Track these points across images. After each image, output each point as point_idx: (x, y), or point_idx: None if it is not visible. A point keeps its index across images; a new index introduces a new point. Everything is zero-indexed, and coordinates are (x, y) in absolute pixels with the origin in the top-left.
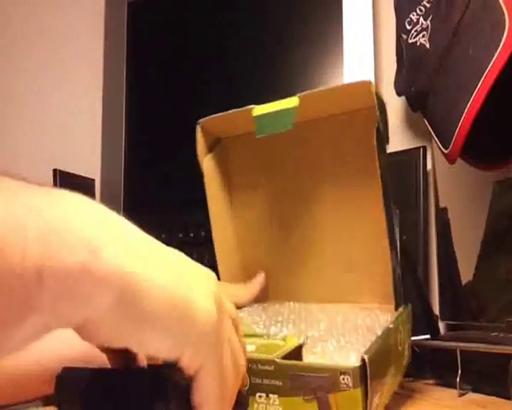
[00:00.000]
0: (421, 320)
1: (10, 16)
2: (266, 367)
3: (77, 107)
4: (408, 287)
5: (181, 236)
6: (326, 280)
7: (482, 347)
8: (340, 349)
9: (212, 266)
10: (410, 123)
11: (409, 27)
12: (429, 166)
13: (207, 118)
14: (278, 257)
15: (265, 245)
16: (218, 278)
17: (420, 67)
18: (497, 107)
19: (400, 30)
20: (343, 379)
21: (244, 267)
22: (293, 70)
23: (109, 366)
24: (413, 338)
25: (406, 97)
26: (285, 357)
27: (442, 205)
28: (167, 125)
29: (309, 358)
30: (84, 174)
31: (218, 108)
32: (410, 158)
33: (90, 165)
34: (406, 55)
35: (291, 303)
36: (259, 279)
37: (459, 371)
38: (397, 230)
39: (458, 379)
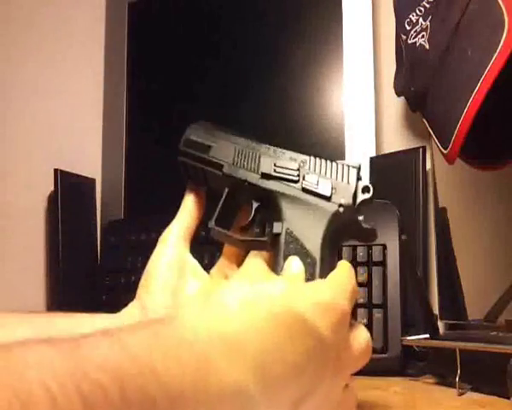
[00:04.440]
0: (421, 320)
1: (11, 17)
2: None
3: (78, 107)
4: (407, 286)
5: None
6: None
7: (481, 346)
8: None
9: (213, 265)
10: (409, 123)
11: (408, 28)
12: (429, 166)
13: None
14: None
15: None
16: None
17: (419, 67)
18: (496, 107)
19: (400, 30)
20: None
21: None
22: (292, 70)
23: None
24: (412, 338)
25: (406, 97)
26: None
27: (441, 205)
28: (168, 124)
29: None
30: (84, 174)
31: (218, 107)
32: (409, 158)
33: (90, 164)
34: (406, 55)
35: None
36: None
37: (458, 371)
38: None
39: (457, 379)
